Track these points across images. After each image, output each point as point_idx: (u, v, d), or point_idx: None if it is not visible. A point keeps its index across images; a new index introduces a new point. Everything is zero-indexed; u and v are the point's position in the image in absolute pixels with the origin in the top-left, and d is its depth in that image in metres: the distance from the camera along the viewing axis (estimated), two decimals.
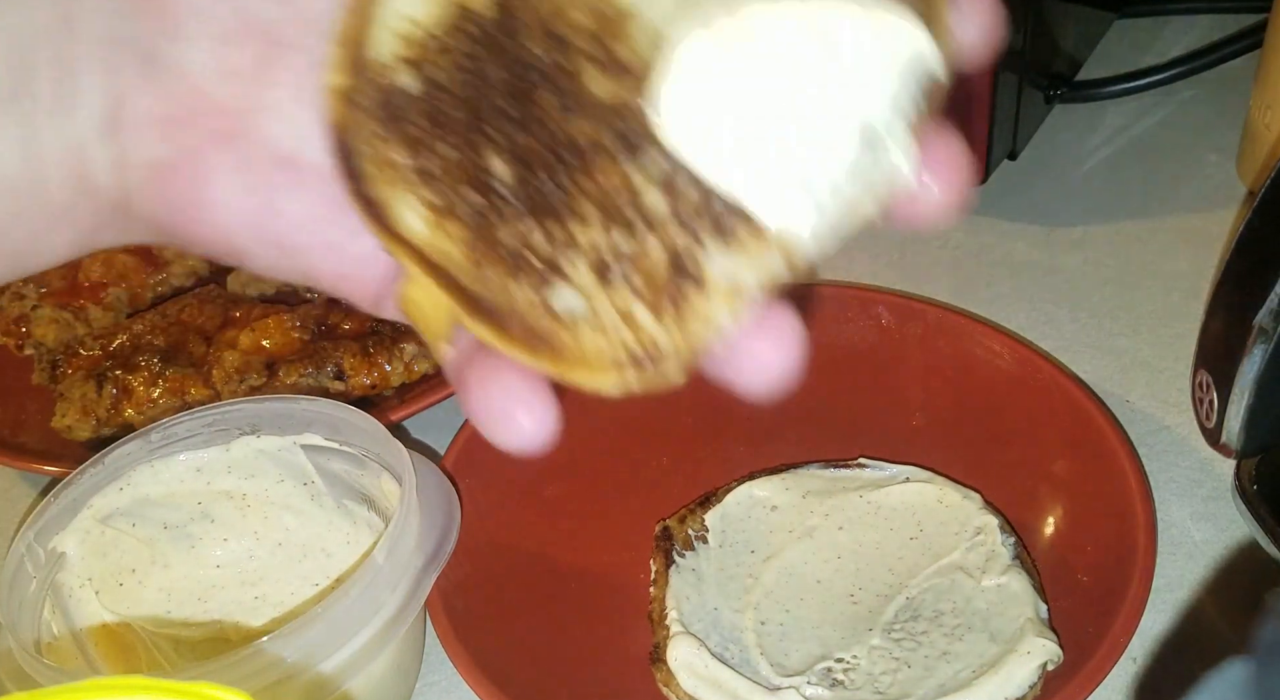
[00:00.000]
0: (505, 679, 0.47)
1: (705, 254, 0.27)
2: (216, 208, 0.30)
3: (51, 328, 0.69)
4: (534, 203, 0.28)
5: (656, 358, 0.27)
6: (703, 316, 0.27)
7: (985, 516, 0.52)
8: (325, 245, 0.31)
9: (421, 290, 0.29)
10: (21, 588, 0.47)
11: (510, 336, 0.28)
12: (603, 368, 0.28)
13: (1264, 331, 0.47)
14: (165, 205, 0.30)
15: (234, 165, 0.30)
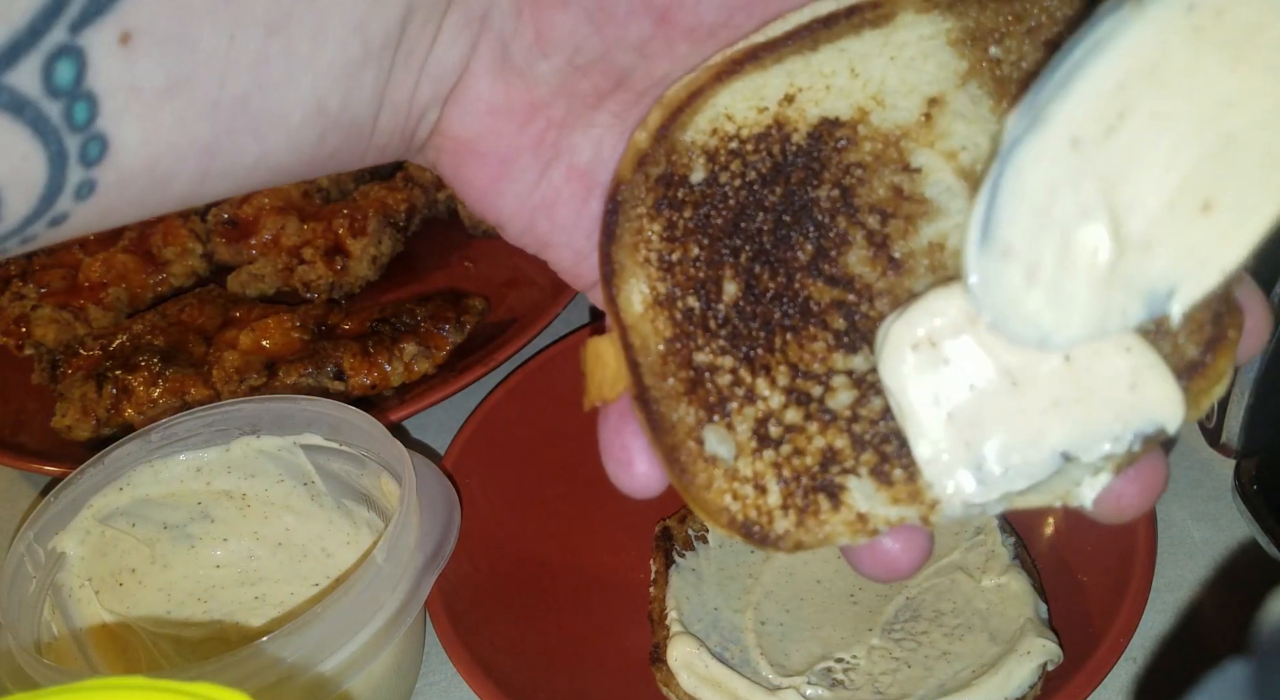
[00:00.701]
0: (505, 679, 0.47)
1: (855, 479, 0.29)
2: (501, 197, 0.33)
3: (51, 328, 0.69)
4: (740, 336, 0.31)
5: (765, 537, 0.30)
6: (824, 528, 0.29)
7: (985, 516, 0.52)
8: (574, 250, 0.34)
9: (610, 352, 0.32)
10: (21, 588, 0.47)
11: (658, 441, 0.30)
12: (718, 516, 0.30)
13: None
14: (459, 176, 0.33)
15: (534, 169, 0.33)
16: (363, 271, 0.73)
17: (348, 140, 0.31)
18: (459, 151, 0.33)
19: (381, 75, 0.31)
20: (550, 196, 0.33)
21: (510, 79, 0.32)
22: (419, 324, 0.65)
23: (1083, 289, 0.26)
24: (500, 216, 0.34)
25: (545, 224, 0.34)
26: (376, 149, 0.32)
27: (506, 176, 0.33)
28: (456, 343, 0.65)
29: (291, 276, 0.73)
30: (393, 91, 0.31)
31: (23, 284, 0.72)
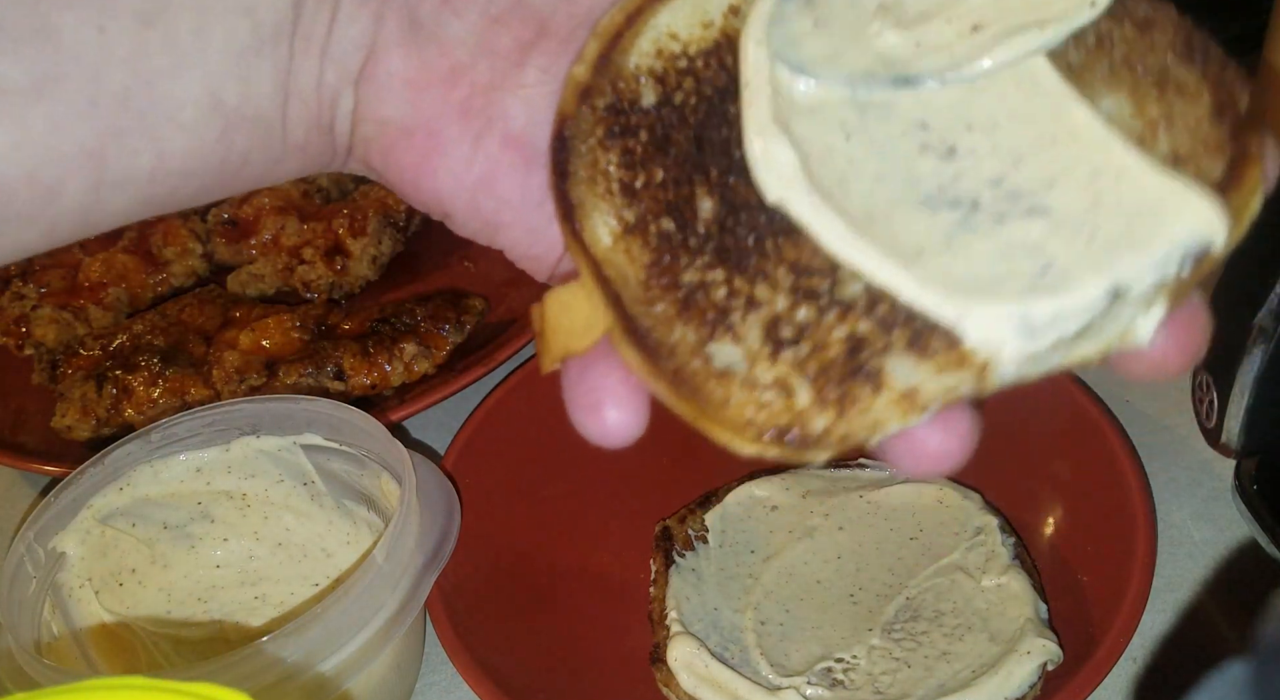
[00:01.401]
0: (505, 679, 0.47)
1: (890, 356, 0.26)
2: (438, 176, 0.31)
3: (51, 328, 0.69)
4: (727, 251, 0.28)
5: (805, 439, 0.26)
6: (869, 414, 0.26)
7: (985, 516, 0.52)
8: (526, 227, 0.32)
9: (578, 297, 0.29)
10: (21, 588, 0.47)
11: (658, 371, 0.27)
12: (743, 431, 0.27)
13: (1264, 331, 0.47)
14: (389, 164, 0.31)
15: (466, 139, 0.31)
16: (363, 271, 0.73)
17: (257, 138, 0.30)
18: (383, 135, 0.31)
19: (280, 62, 0.29)
20: (488, 170, 0.31)
21: (423, 46, 0.30)
22: (419, 324, 0.65)
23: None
24: (440, 199, 0.32)
25: (489, 202, 0.31)
26: (295, 149, 0.31)
27: (437, 151, 0.31)
28: (456, 343, 0.65)
29: (291, 276, 0.73)
30: (297, 79, 0.29)
31: (23, 284, 0.72)
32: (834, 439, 0.26)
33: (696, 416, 0.27)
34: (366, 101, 0.31)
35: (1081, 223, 0.26)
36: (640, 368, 0.28)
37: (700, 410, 0.27)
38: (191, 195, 0.30)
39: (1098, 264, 0.25)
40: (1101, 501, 0.52)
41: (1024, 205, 0.27)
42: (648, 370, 0.27)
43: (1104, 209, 0.26)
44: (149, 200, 0.29)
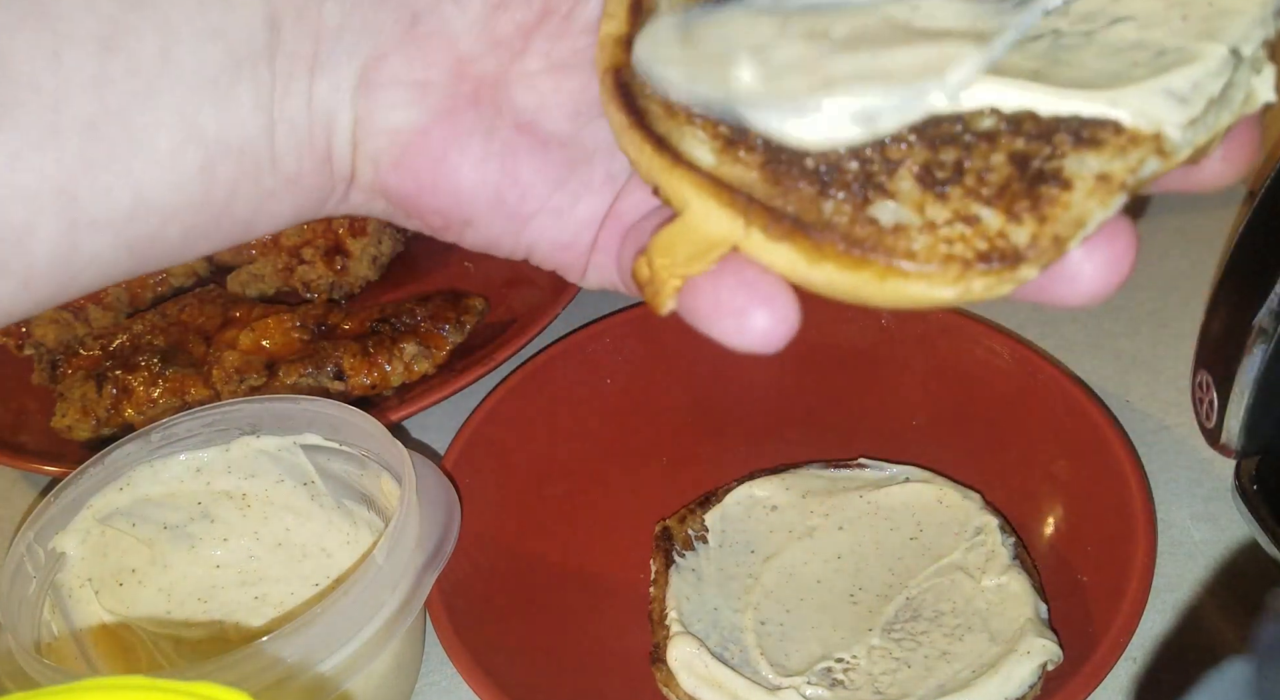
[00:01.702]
0: (505, 679, 0.47)
1: (1062, 159, 0.25)
2: (458, 172, 0.30)
3: (51, 328, 0.69)
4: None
5: (1014, 252, 0.25)
6: (1070, 210, 0.25)
7: (985, 516, 0.52)
8: (553, 211, 0.31)
9: (687, 228, 0.27)
10: (21, 588, 0.47)
11: (824, 250, 0.25)
12: (941, 272, 0.25)
13: (1264, 331, 0.47)
14: (404, 173, 0.30)
15: (481, 130, 0.30)
16: (363, 271, 0.73)
17: (244, 170, 0.28)
18: (395, 144, 0.30)
19: (261, 85, 0.27)
20: (507, 157, 0.30)
21: (425, 43, 0.29)
22: (419, 324, 0.65)
23: None
24: (461, 201, 0.30)
25: (513, 191, 0.30)
26: (287, 181, 0.29)
27: (454, 147, 0.30)
28: (456, 343, 0.65)
29: (291, 276, 0.73)
30: (284, 102, 0.28)
31: None
32: (1044, 245, 0.25)
33: (887, 280, 0.25)
34: (370, 111, 0.29)
35: (1167, 13, 0.27)
36: (800, 255, 0.26)
37: (887, 270, 0.25)
38: (179, 238, 0.28)
39: (1208, 33, 0.26)
40: (1101, 501, 0.52)
41: (1103, 20, 0.27)
42: (810, 253, 0.25)
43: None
44: (132, 245, 0.27)
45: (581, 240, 0.32)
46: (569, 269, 0.33)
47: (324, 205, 0.31)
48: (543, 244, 0.32)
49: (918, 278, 0.25)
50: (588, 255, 0.32)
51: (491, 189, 0.30)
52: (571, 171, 0.31)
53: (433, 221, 0.31)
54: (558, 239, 0.32)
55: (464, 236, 0.32)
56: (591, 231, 0.32)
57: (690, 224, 0.27)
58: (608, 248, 0.32)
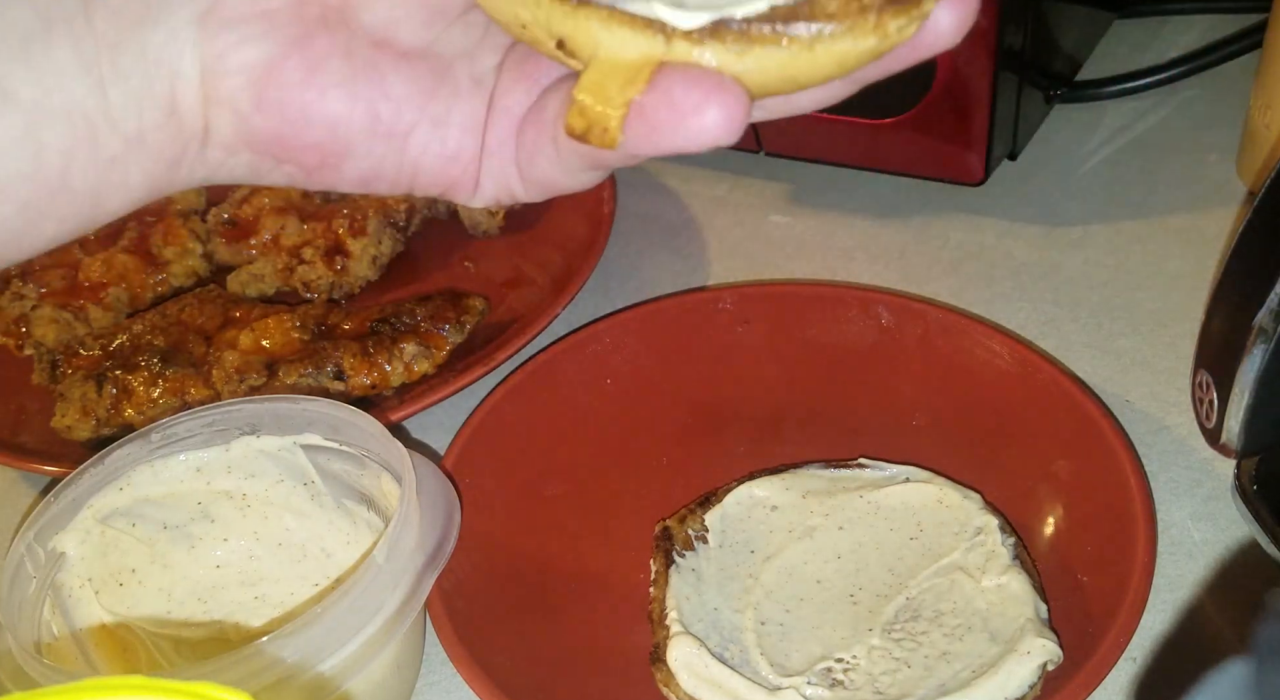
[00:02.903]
0: (505, 679, 0.47)
1: None
2: (327, 98, 0.29)
3: (51, 328, 0.69)
4: None
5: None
6: None
7: (985, 516, 0.52)
8: (431, 120, 0.31)
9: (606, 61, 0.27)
10: (21, 588, 0.47)
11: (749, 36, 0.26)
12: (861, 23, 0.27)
13: (1264, 331, 0.47)
14: (269, 110, 0.29)
15: (339, 52, 0.29)
16: (363, 271, 0.73)
17: (75, 134, 0.27)
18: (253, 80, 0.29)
19: (83, 44, 0.27)
20: (374, 77, 0.29)
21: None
22: (419, 324, 0.65)
23: None
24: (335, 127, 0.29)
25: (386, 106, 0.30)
26: (131, 141, 0.28)
27: (316, 69, 0.29)
28: (456, 343, 0.65)
29: (291, 276, 0.73)
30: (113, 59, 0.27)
31: (23, 284, 0.72)
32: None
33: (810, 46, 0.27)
34: (218, 52, 0.28)
35: None
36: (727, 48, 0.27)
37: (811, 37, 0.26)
38: (17, 215, 0.27)
39: None
40: (1101, 501, 0.52)
41: None
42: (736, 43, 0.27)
43: None
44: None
45: (466, 149, 0.31)
46: (459, 185, 0.32)
47: (178, 168, 0.30)
48: (427, 160, 0.31)
49: (842, 36, 0.26)
50: (477, 164, 0.32)
51: (364, 109, 0.30)
52: (439, 80, 0.31)
53: (308, 159, 0.30)
54: (442, 151, 0.31)
55: (343, 171, 0.31)
56: (475, 138, 0.32)
57: (610, 58, 0.27)
58: (499, 149, 0.32)
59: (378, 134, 0.30)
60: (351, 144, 0.30)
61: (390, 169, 0.31)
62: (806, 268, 0.72)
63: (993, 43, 0.66)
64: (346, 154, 0.30)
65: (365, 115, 0.30)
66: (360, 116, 0.30)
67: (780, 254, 0.74)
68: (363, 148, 0.30)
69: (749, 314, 0.64)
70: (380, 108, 0.30)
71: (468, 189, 0.32)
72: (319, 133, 0.30)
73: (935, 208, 0.75)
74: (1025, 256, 0.71)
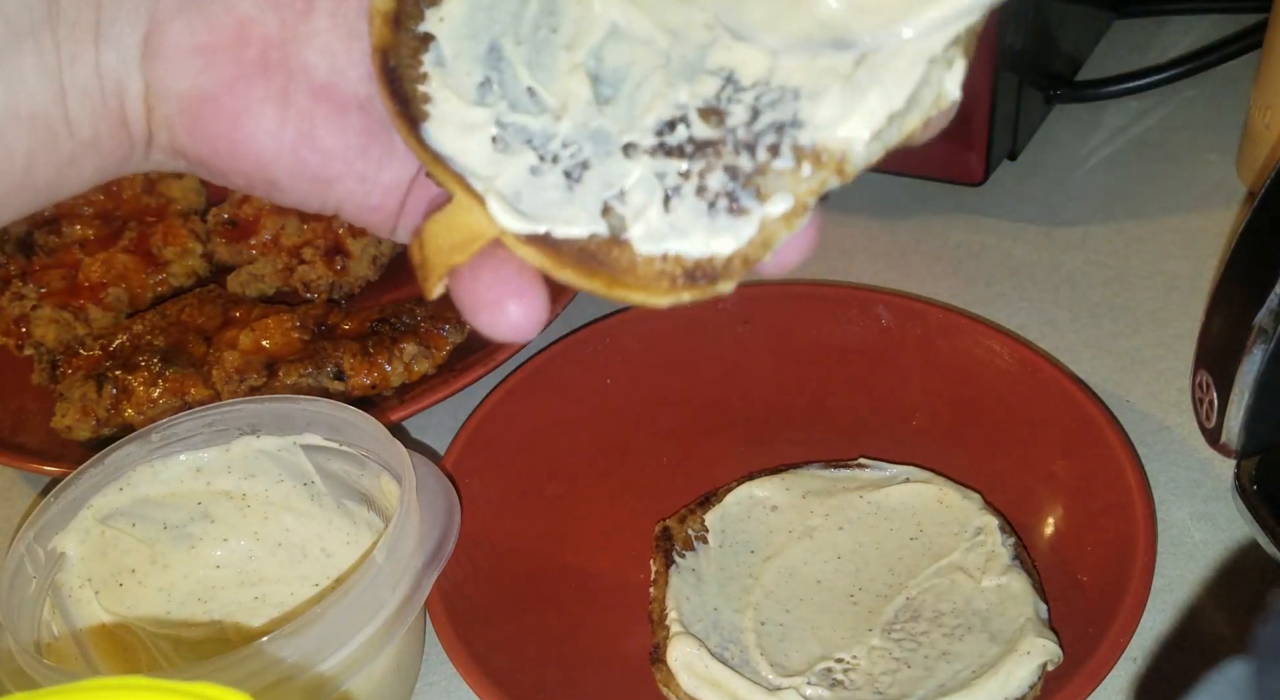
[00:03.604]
0: (505, 679, 0.47)
1: (764, 178, 0.29)
2: (254, 139, 0.30)
3: (51, 328, 0.69)
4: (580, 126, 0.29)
5: (710, 273, 0.29)
6: (762, 232, 0.29)
7: (985, 517, 0.52)
8: (357, 176, 0.31)
9: (456, 217, 0.29)
10: (21, 588, 0.47)
11: (561, 257, 0.29)
12: (655, 285, 0.29)
13: (1264, 331, 0.47)
14: (199, 138, 0.30)
15: (273, 96, 0.30)
16: (363, 271, 0.73)
17: (37, 137, 0.28)
18: (185, 110, 0.30)
19: (45, 55, 0.28)
20: (304, 125, 0.30)
21: (205, 7, 0.29)
22: (419, 324, 0.65)
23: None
24: (262, 165, 0.30)
25: (313, 156, 0.31)
26: (86, 146, 0.29)
27: (246, 112, 0.30)
28: (456, 343, 0.65)
29: (291, 276, 0.73)
30: (72, 70, 0.28)
31: (23, 284, 0.72)
32: (736, 266, 0.29)
33: (610, 286, 0.29)
34: (158, 78, 0.29)
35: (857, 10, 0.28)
36: (546, 259, 0.29)
37: (612, 279, 0.29)
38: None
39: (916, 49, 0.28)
40: (1101, 501, 0.52)
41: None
42: (550, 259, 0.29)
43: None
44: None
45: (388, 204, 0.32)
46: (378, 228, 0.33)
47: (126, 165, 0.31)
48: (349, 206, 0.32)
49: (638, 288, 0.29)
50: (395, 217, 0.33)
51: (290, 154, 0.30)
52: (373, 138, 0.31)
53: (236, 182, 0.32)
54: (363, 203, 0.32)
55: (271, 196, 0.32)
56: (398, 195, 0.32)
57: (455, 214, 0.29)
58: (414, 211, 0.33)
59: (302, 177, 0.31)
60: (276, 179, 0.31)
61: (314, 203, 0.32)
62: (806, 268, 0.72)
63: (993, 43, 0.66)
64: (272, 185, 0.31)
65: (290, 160, 0.31)
66: (285, 160, 0.31)
67: None
68: (287, 184, 0.31)
69: (749, 314, 0.64)
70: (306, 157, 0.31)
71: (385, 232, 0.34)
72: (245, 164, 0.31)
73: (935, 208, 0.75)
74: (1025, 256, 0.71)
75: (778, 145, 0.29)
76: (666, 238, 0.29)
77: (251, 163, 0.30)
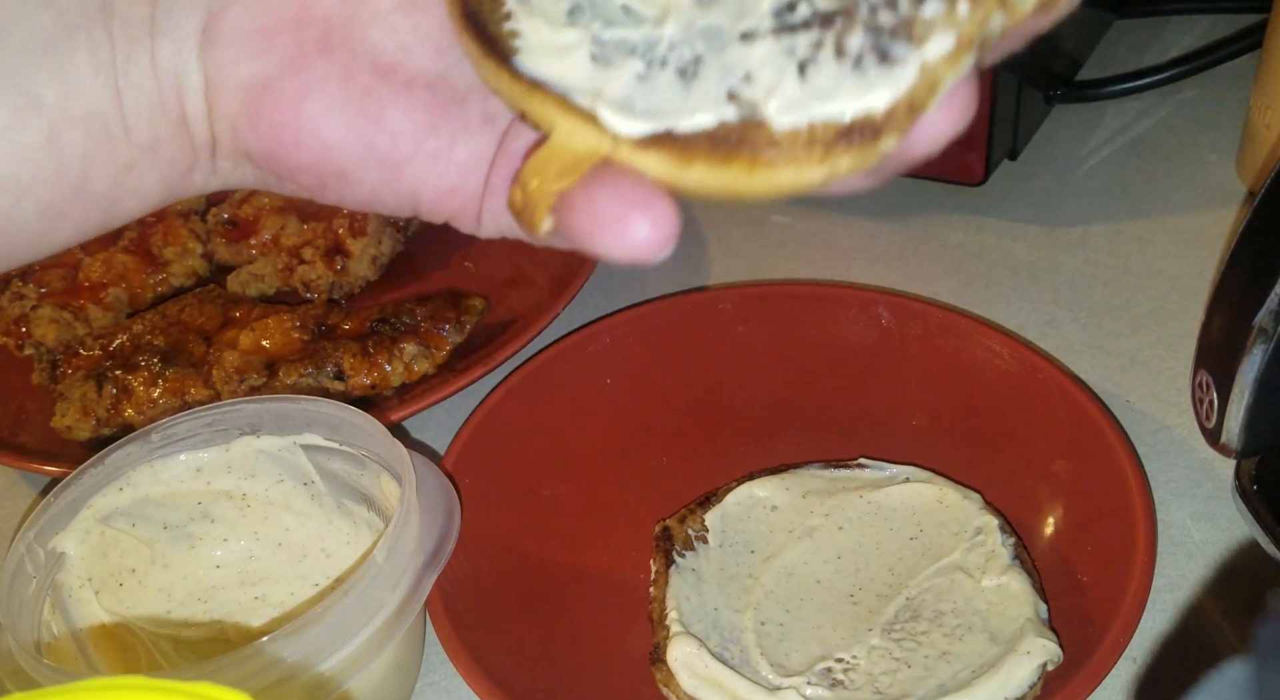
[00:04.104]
0: (505, 679, 0.47)
1: (914, 27, 0.25)
2: (319, 124, 0.29)
3: (51, 328, 0.69)
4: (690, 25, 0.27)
5: (870, 128, 0.25)
6: (925, 74, 0.25)
7: (985, 517, 0.52)
8: (429, 155, 0.30)
9: (556, 148, 0.27)
10: (21, 588, 0.47)
11: (692, 152, 0.26)
12: (806, 155, 0.25)
13: (1264, 331, 0.47)
14: (262, 130, 0.29)
15: (335, 77, 0.29)
16: (363, 271, 0.73)
17: (94, 140, 0.27)
18: (247, 100, 0.28)
19: (100, 51, 0.27)
20: (369, 104, 0.29)
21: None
22: (419, 324, 0.65)
23: None
24: (329, 152, 0.29)
25: (382, 139, 0.29)
26: (144, 150, 0.28)
27: (309, 95, 0.28)
28: (456, 343, 0.65)
29: (291, 276, 0.73)
30: (127, 66, 0.27)
31: (23, 284, 0.72)
32: (899, 116, 0.25)
33: (751, 170, 0.25)
34: (216, 68, 0.28)
35: None
36: (670, 159, 0.26)
37: (753, 160, 0.25)
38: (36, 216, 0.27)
39: None
40: (1101, 501, 0.52)
41: None
42: (679, 157, 0.26)
43: None
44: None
45: (468, 184, 0.31)
46: (461, 217, 0.31)
47: (191, 177, 0.30)
48: (425, 192, 0.31)
49: (786, 164, 0.25)
50: (479, 200, 0.31)
51: (357, 137, 0.29)
52: (444, 113, 0.30)
53: (306, 180, 0.30)
54: (440, 185, 0.30)
55: (343, 195, 0.31)
56: (479, 174, 0.31)
57: (558, 143, 0.27)
58: (502, 190, 0.31)
59: (371, 163, 0.30)
60: (345, 169, 0.30)
61: (390, 195, 0.31)
62: (806, 268, 0.72)
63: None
64: (342, 178, 0.30)
65: (358, 144, 0.29)
66: (353, 145, 0.29)
67: (780, 254, 0.74)
68: (356, 174, 0.30)
69: (749, 314, 0.64)
70: (374, 138, 0.29)
71: (470, 221, 0.32)
72: (311, 156, 0.29)
73: (935, 208, 0.75)
74: (1025, 256, 0.71)
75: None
76: (809, 104, 0.25)
77: (317, 152, 0.29)
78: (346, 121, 0.29)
